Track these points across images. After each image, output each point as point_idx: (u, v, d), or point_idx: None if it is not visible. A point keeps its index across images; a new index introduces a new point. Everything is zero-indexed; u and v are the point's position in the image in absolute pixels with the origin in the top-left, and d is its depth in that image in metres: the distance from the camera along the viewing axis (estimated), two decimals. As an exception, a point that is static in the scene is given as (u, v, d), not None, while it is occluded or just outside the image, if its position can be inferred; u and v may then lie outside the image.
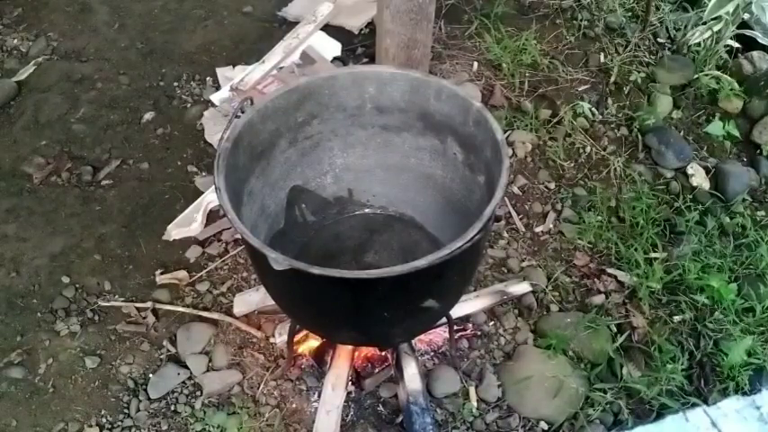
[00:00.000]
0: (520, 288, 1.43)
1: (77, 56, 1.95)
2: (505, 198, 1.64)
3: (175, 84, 1.88)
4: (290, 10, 2.08)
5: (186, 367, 1.32)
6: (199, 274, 1.46)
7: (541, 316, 1.43)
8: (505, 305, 1.43)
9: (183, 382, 1.30)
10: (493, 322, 1.41)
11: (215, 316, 1.38)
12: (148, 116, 1.79)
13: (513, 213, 1.61)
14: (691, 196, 1.68)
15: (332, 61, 1.90)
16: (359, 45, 1.98)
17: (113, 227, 1.54)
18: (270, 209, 1.16)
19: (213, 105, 1.79)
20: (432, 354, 1.35)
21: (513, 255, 1.53)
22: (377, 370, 1.29)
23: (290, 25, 2.02)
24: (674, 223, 1.61)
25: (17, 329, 1.37)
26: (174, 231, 1.51)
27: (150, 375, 1.31)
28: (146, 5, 2.12)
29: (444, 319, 1.21)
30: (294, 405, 1.28)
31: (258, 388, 1.29)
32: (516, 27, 2.01)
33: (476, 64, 1.92)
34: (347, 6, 2.06)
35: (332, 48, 1.93)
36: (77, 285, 1.44)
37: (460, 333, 1.37)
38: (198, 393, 1.29)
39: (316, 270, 0.81)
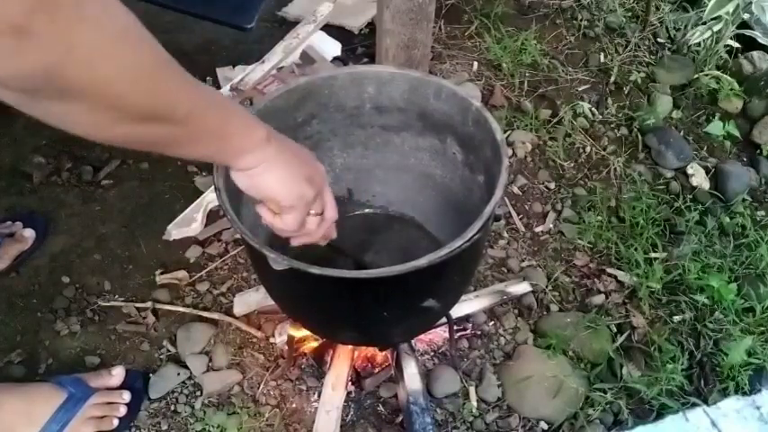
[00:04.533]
0: (520, 288, 1.43)
1: (77, 56, 1.95)
2: (505, 198, 1.64)
3: (175, 84, 1.87)
4: (290, 10, 2.08)
5: (186, 367, 1.32)
6: (199, 274, 1.46)
7: (541, 316, 1.43)
8: (505, 305, 1.43)
9: (183, 382, 1.30)
10: (493, 322, 1.41)
11: (215, 316, 1.38)
12: (148, 116, 1.78)
13: (513, 213, 1.61)
14: (691, 196, 1.68)
15: (332, 61, 1.90)
16: (359, 45, 1.98)
17: (113, 227, 1.54)
18: (270, 209, 1.16)
19: (213, 105, 1.79)
20: (432, 354, 1.35)
21: (513, 255, 1.53)
22: (377, 370, 1.29)
23: (290, 25, 2.02)
24: (674, 223, 1.61)
25: (17, 329, 1.37)
26: (174, 231, 1.51)
27: (150, 375, 1.31)
28: (146, 5, 2.11)
29: (444, 319, 1.21)
30: (294, 405, 1.28)
31: (258, 388, 1.29)
32: (516, 27, 2.01)
33: (476, 64, 1.92)
34: (347, 6, 2.06)
35: (332, 48, 1.93)
36: (77, 285, 1.44)
37: (460, 333, 1.37)
38: (198, 393, 1.29)
39: (315, 270, 0.81)
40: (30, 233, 1.46)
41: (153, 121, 0.56)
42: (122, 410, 1.20)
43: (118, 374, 1.24)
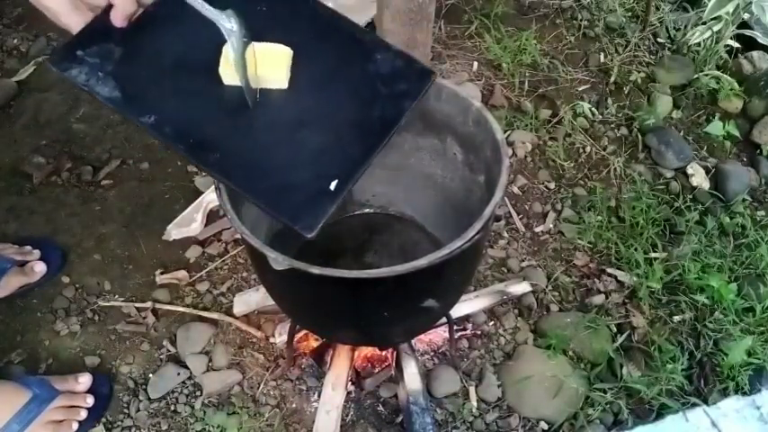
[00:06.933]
0: (520, 288, 1.43)
1: (77, 56, 1.95)
2: (505, 198, 1.64)
3: (175, 84, 1.87)
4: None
5: (186, 367, 1.32)
6: (199, 274, 1.46)
7: (541, 316, 1.43)
8: (505, 305, 1.43)
9: (183, 382, 1.30)
10: (493, 322, 1.41)
11: (215, 316, 1.38)
12: (148, 116, 1.78)
13: (513, 213, 1.61)
14: (691, 196, 1.68)
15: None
16: (359, 45, 1.97)
17: (113, 227, 1.54)
18: (270, 209, 1.16)
19: (213, 105, 1.79)
20: (432, 354, 1.35)
21: (513, 255, 1.53)
22: (377, 370, 1.29)
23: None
24: (674, 223, 1.61)
25: (17, 329, 1.37)
26: (174, 231, 1.51)
27: (150, 375, 1.31)
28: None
29: (444, 319, 1.21)
30: (294, 405, 1.28)
31: (258, 388, 1.30)
32: (516, 27, 2.01)
33: (476, 64, 1.92)
34: (347, 6, 2.05)
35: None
36: (77, 285, 1.44)
37: (460, 333, 1.37)
38: (198, 393, 1.29)
39: (315, 270, 0.81)
40: (41, 268, 1.38)
41: None
42: (83, 414, 1.20)
43: (84, 383, 1.23)
